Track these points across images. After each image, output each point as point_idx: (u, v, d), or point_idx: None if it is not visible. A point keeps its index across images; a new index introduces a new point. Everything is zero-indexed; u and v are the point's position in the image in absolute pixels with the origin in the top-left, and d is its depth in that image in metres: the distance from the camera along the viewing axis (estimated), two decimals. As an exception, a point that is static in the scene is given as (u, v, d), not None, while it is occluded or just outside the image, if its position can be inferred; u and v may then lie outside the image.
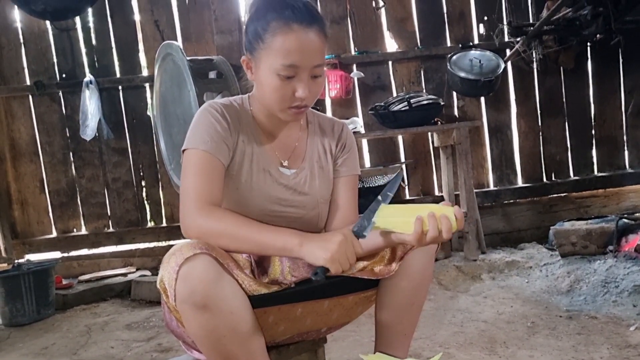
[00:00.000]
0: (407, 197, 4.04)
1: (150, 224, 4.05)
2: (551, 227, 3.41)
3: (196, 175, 1.33)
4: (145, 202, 4.05)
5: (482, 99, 4.03)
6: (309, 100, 1.34)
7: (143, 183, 4.03)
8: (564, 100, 4.11)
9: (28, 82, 3.88)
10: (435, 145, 3.91)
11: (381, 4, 3.95)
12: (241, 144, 1.41)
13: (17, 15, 3.86)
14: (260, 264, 1.40)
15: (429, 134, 3.97)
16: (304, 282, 1.34)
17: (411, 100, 3.46)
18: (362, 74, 3.87)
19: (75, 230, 4.00)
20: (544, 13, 3.63)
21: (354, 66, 3.96)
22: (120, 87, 3.93)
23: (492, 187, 4.11)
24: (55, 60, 3.91)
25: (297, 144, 1.50)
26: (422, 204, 1.28)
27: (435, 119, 3.65)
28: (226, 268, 1.21)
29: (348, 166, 1.54)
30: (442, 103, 3.60)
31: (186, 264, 1.16)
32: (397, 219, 1.26)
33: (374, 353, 1.47)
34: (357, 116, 3.92)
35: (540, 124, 4.13)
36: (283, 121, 1.44)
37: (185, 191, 1.32)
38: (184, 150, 1.37)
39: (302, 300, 1.34)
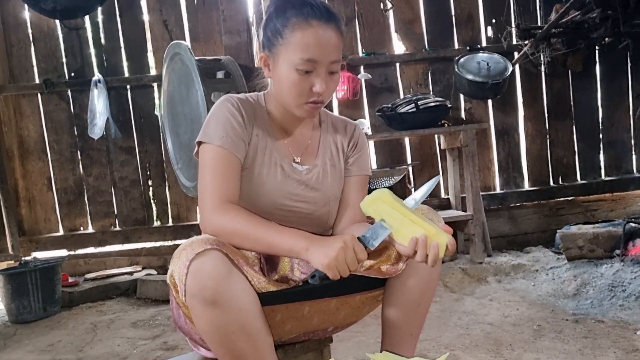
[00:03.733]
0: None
1: (157, 223, 4.06)
2: (558, 231, 3.40)
3: (213, 172, 1.35)
4: (152, 201, 4.06)
5: (490, 101, 4.03)
6: (325, 96, 1.37)
7: (150, 182, 4.04)
8: (572, 103, 4.10)
9: (37, 81, 3.91)
10: (442, 147, 3.91)
11: (389, 5, 3.95)
12: (255, 137, 1.43)
13: (27, 14, 3.88)
14: (270, 261, 1.41)
15: (436, 136, 3.97)
16: (312, 281, 1.34)
17: (418, 102, 3.46)
18: (370, 76, 3.87)
19: (82, 228, 4.01)
20: (553, 16, 3.62)
21: (362, 68, 3.96)
22: (128, 87, 3.95)
23: (498, 190, 4.10)
24: (64, 59, 3.93)
25: (310, 142, 1.51)
26: (423, 218, 1.25)
27: (442, 121, 3.65)
28: (236, 264, 1.22)
29: (359, 165, 1.55)
30: (449, 105, 3.60)
31: (197, 259, 1.17)
32: (397, 225, 1.24)
33: (381, 352, 1.46)
34: (364, 117, 3.92)
35: (547, 127, 4.12)
36: (298, 119, 1.46)
37: (203, 189, 1.35)
38: (199, 143, 1.39)
39: (310, 298, 1.34)
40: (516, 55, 3.88)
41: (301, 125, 1.50)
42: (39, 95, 3.92)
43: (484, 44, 4.01)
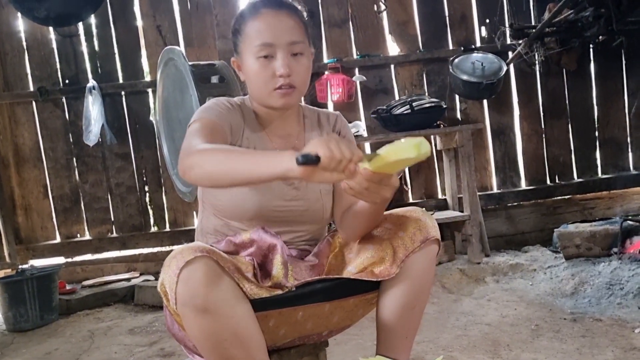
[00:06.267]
0: (410, 200, 4.03)
1: (154, 229, 4.05)
2: (555, 230, 3.39)
3: (198, 130, 1.33)
4: (149, 207, 4.05)
5: (485, 101, 4.02)
6: (293, 79, 1.39)
7: (146, 188, 4.03)
8: (567, 102, 4.10)
9: (32, 88, 3.90)
10: (438, 148, 3.91)
11: (382, 7, 3.95)
12: (246, 140, 1.45)
13: (20, 22, 3.88)
14: (264, 267, 1.40)
15: (432, 137, 3.96)
16: (304, 286, 1.33)
17: (413, 104, 3.46)
18: (364, 78, 3.87)
19: (78, 235, 4.00)
20: (546, 15, 3.63)
21: (356, 70, 3.96)
22: (123, 93, 3.95)
23: (495, 190, 4.09)
24: (58, 66, 3.92)
25: (297, 141, 1.53)
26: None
27: (438, 122, 3.65)
28: (227, 271, 1.21)
29: None
30: (444, 106, 3.59)
31: (187, 267, 1.16)
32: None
33: (375, 356, 1.46)
34: (360, 120, 3.92)
35: (543, 126, 4.11)
36: (280, 114, 1.48)
37: (184, 144, 1.31)
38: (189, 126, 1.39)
39: (303, 303, 1.34)
40: (510, 54, 3.88)
41: (287, 124, 1.52)
42: (34, 103, 3.91)
43: (478, 44, 4.00)
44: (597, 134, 4.14)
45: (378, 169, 1.10)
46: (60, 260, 3.89)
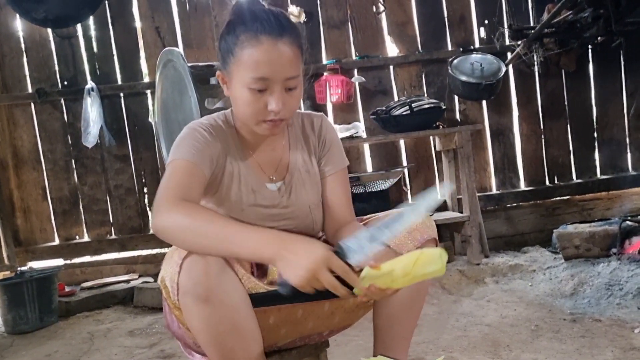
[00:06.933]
0: (410, 201, 4.03)
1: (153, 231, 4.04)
2: (554, 230, 3.39)
3: (172, 177, 1.28)
4: (148, 208, 4.04)
5: (484, 102, 4.03)
6: (284, 113, 1.31)
7: (145, 190, 4.02)
8: (566, 103, 4.10)
9: (30, 90, 3.89)
10: (437, 149, 3.91)
11: (382, 8, 3.96)
12: (229, 165, 1.40)
13: (18, 24, 3.88)
14: (260, 267, 1.40)
15: (431, 138, 3.97)
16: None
17: (412, 105, 3.46)
18: (363, 79, 3.87)
19: (77, 237, 4.00)
20: (545, 16, 3.63)
21: (355, 71, 3.96)
22: (121, 94, 3.94)
23: (494, 191, 4.09)
24: (57, 67, 3.91)
25: (282, 156, 1.48)
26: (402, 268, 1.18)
27: (437, 123, 3.65)
28: (229, 263, 1.21)
29: (333, 163, 1.51)
30: (443, 107, 3.59)
31: (190, 256, 1.16)
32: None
33: (374, 356, 1.46)
34: (359, 121, 3.92)
35: (542, 127, 4.12)
36: (263, 135, 1.42)
37: (158, 192, 1.25)
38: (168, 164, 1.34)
39: (301, 300, 1.32)
40: (509, 55, 3.88)
41: (271, 140, 1.46)
42: (32, 104, 3.91)
43: (477, 45, 4.01)
44: (596, 134, 4.14)
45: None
46: (59, 262, 3.88)
